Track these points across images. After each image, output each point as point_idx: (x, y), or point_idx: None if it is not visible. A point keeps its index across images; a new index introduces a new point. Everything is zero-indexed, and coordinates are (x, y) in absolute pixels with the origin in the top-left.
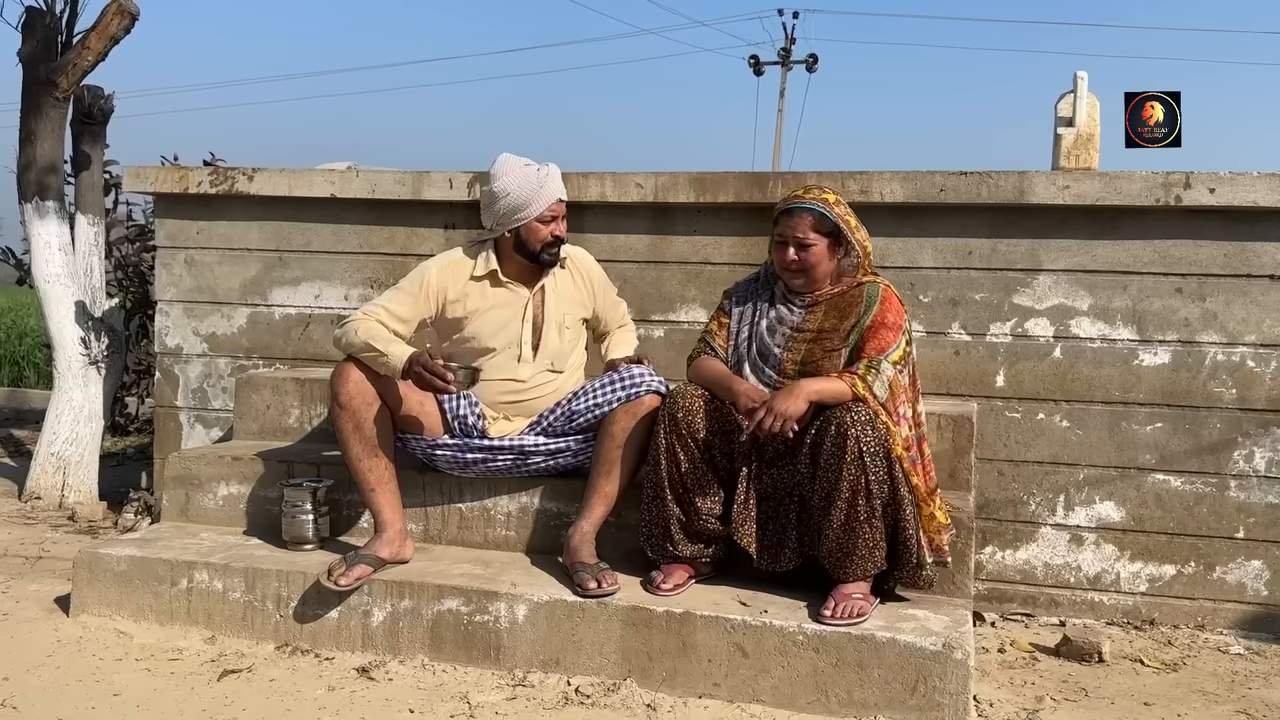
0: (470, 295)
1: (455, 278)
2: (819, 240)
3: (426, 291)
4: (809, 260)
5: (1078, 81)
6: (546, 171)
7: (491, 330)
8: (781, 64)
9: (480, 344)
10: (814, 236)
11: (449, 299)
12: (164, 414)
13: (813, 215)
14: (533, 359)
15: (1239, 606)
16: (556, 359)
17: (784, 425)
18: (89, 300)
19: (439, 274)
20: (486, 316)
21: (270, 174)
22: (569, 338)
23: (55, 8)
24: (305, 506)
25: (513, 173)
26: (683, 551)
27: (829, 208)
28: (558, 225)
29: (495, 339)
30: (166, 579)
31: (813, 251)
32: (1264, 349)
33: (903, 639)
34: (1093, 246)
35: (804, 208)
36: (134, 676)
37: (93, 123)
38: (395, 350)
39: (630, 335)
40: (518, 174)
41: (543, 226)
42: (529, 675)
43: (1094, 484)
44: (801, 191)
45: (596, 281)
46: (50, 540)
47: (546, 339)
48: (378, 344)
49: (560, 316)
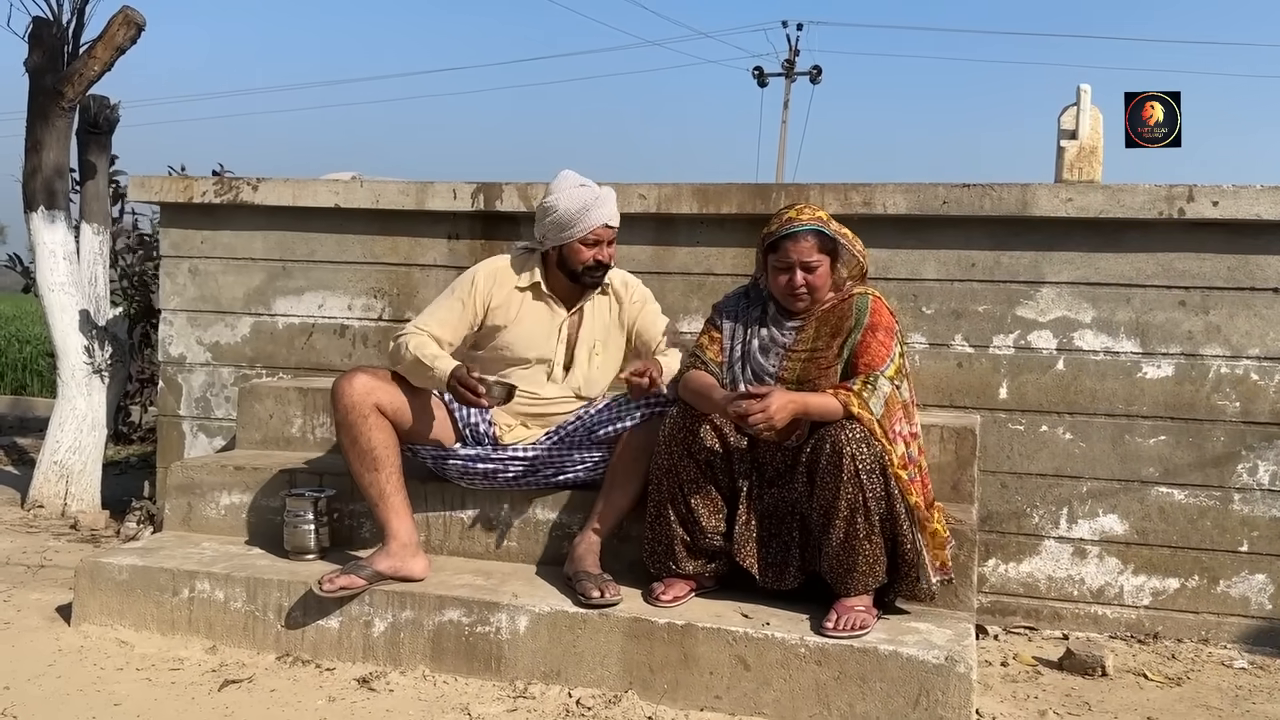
0: (511, 304)
1: (500, 284)
2: (823, 260)
3: (474, 296)
4: (815, 283)
5: (1080, 94)
6: (598, 195)
7: (526, 342)
8: (785, 75)
9: (514, 354)
10: (818, 257)
11: (492, 305)
12: (167, 423)
13: (816, 236)
14: (562, 379)
15: (1243, 620)
16: (585, 384)
17: (765, 427)
18: (93, 309)
19: (484, 279)
20: (523, 328)
21: (274, 184)
22: (598, 364)
23: (62, 18)
24: (307, 516)
25: (565, 190)
26: (686, 568)
27: (826, 225)
28: (601, 250)
29: (529, 351)
30: (168, 588)
31: (819, 273)
32: (1268, 362)
33: (905, 652)
34: (1096, 259)
35: (806, 230)
36: (135, 686)
37: (99, 132)
38: (441, 365)
39: (672, 361)
40: (569, 192)
41: (585, 249)
42: (530, 686)
43: (1097, 496)
44: (794, 213)
45: (635, 296)
46: (52, 549)
47: (578, 361)
48: (425, 359)
49: (592, 341)
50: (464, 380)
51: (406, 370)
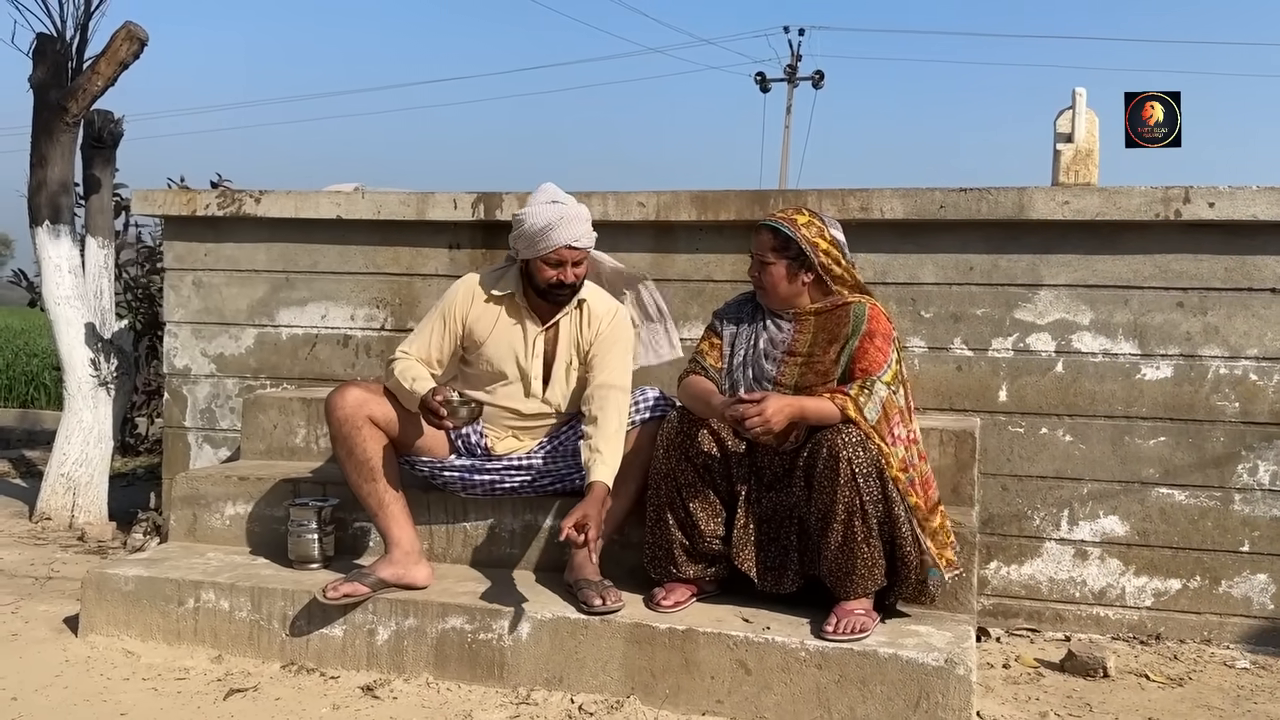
0: (488, 317)
1: (478, 298)
2: (778, 261)
3: (454, 312)
4: (766, 280)
5: (1076, 98)
6: (563, 215)
7: (504, 355)
8: (788, 81)
9: (493, 368)
10: (772, 256)
11: (471, 320)
12: (172, 434)
13: (773, 235)
14: (541, 394)
15: (1245, 620)
16: (562, 401)
17: (762, 431)
18: (99, 322)
19: (464, 295)
20: (501, 341)
21: (277, 196)
22: (574, 379)
23: (65, 34)
24: (311, 526)
25: (536, 205)
26: (686, 573)
27: (795, 229)
28: (565, 271)
29: (507, 365)
30: (174, 598)
31: (770, 270)
32: (1266, 362)
33: (905, 655)
34: (1093, 261)
35: (765, 225)
36: (141, 696)
37: (103, 146)
38: (417, 388)
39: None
40: (539, 208)
41: (548, 268)
42: (533, 693)
43: (1098, 498)
44: (778, 211)
45: (604, 333)
46: (60, 560)
47: (555, 377)
48: (405, 382)
49: (569, 356)
50: (427, 403)
51: (397, 396)
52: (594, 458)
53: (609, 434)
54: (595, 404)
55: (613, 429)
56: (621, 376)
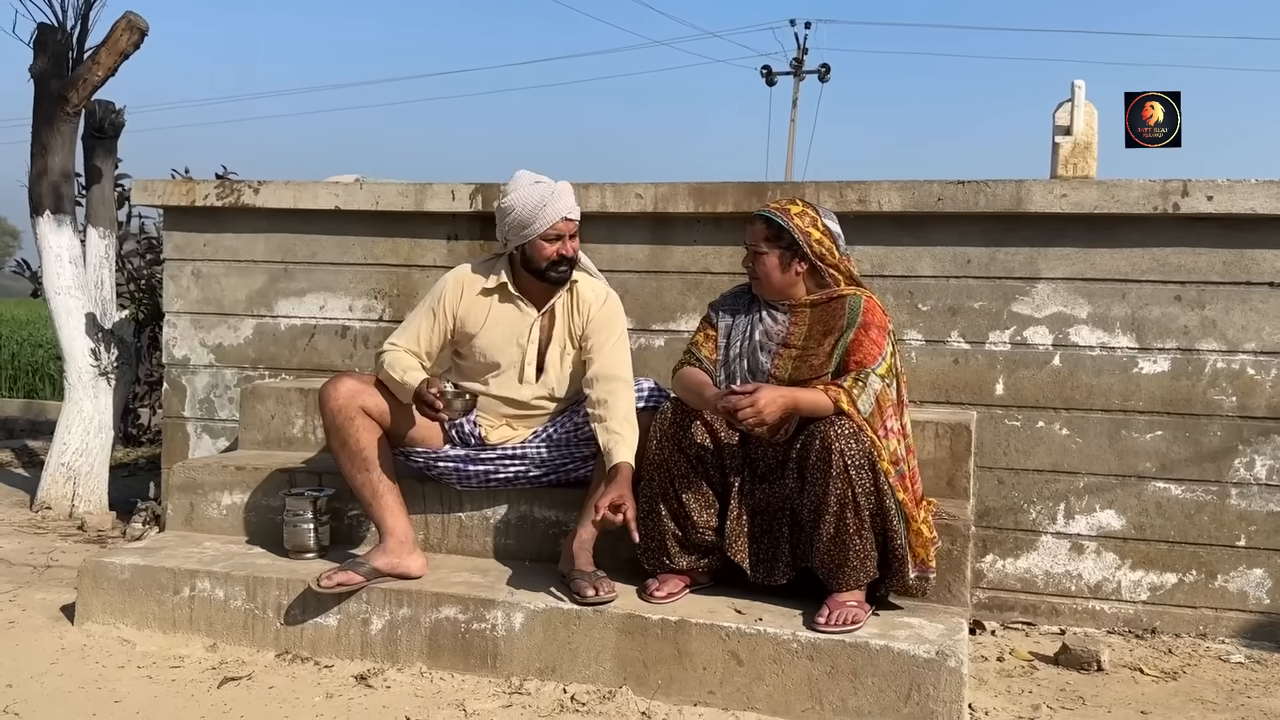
0: (479, 309)
1: (468, 290)
2: (770, 251)
3: (444, 305)
4: (759, 269)
5: (1075, 90)
6: (553, 189)
7: (498, 345)
8: (794, 74)
9: (487, 359)
10: (765, 246)
11: (461, 312)
12: (172, 424)
13: (766, 225)
14: (535, 380)
15: (1240, 615)
16: (558, 385)
17: (755, 422)
18: (100, 312)
19: (453, 287)
20: (494, 331)
21: (276, 186)
22: (569, 364)
23: (66, 24)
24: (306, 515)
25: (521, 189)
26: (679, 564)
27: (788, 218)
28: (565, 245)
29: (501, 354)
30: (169, 587)
31: (763, 260)
32: (1264, 356)
33: (896, 647)
34: (1091, 254)
35: (759, 215)
36: (135, 684)
37: (104, 137)
38: (408, 380)
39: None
40: (525, 190)
41: (548, 245)
42: (525, 683)
43: (1094, 492)
44: (775, 201)
45: (595, 318)
46: (59, 550)
47: (549, 363)
48: (395, 374)
49: (564, 341)
50: (422, 396)
51: (389, 387)
52: (614, 439)
53: (623, 416)
54: (601, 391)
55: (625, 412)
56: (622, 368)
